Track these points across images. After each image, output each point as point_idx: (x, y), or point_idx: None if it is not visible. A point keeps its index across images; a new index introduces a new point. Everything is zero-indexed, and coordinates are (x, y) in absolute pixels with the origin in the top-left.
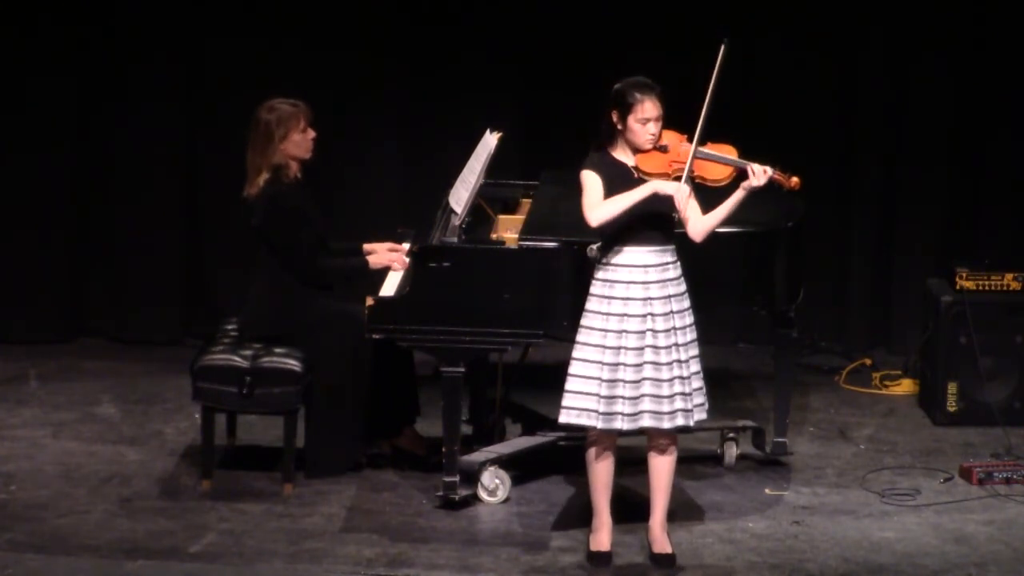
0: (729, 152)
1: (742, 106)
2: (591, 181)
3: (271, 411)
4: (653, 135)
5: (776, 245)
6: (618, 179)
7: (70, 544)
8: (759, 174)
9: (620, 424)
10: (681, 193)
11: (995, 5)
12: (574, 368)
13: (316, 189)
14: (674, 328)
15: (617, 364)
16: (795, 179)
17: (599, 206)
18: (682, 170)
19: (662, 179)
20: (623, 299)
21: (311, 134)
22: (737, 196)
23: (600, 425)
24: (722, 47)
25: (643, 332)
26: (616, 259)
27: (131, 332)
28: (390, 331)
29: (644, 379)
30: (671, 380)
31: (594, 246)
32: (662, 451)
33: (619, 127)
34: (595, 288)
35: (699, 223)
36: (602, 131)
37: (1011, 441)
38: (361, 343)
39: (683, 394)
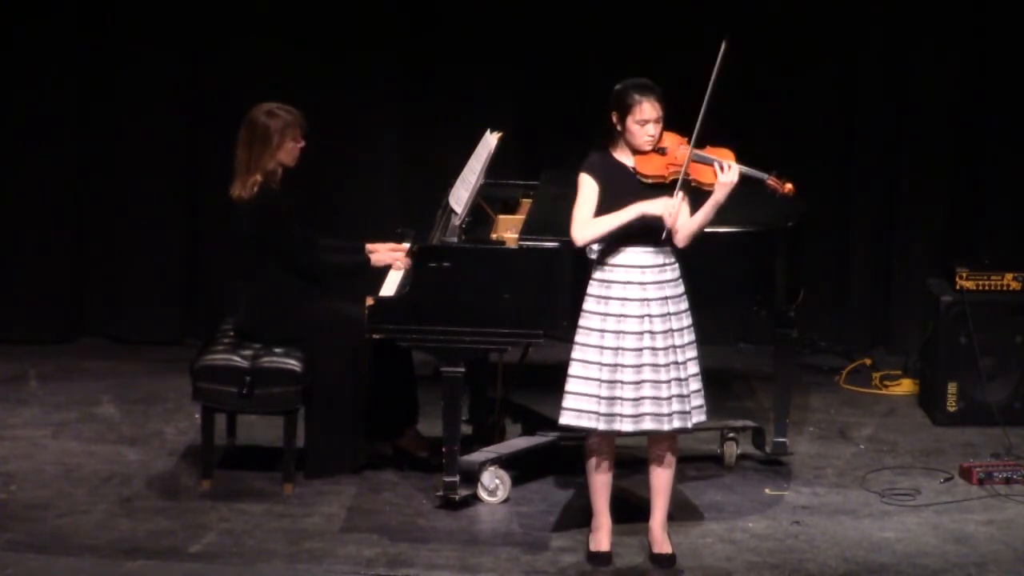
0: (727, 156)
1: (742, 106)
2: (586, 191)
3: (271, 411)
4: (652, 136)
5: (776, 245)
6: (618, 180)
7: (70, 544)
8: (725, 169)
9: (620, 425)
10: (670, 210)
11: (996, 5)
12: (573, 369)
13: (316, 188)
14: (671, 330)
15: (616, 365)
16: (789, 185)
17: (586, 225)
18: (679, 172)
19: (658, 181)
20: (620, 299)
21: (302, 143)
22: (714, 197)
23: (601, 427)
24: (722, 45)
25: (641, 334)
26: (613, 259)
27: (131, 332)
28: (390, 331)
29: (644, 381)
30: (669, 382)
31: (594, 245)
32: (663, 453)
33: (618, 128)
34: (592, 288)
35: (681, 227)
36: (604, 131)
37: (1011, 441)
38: (361, 343)
39: (680, 396)
